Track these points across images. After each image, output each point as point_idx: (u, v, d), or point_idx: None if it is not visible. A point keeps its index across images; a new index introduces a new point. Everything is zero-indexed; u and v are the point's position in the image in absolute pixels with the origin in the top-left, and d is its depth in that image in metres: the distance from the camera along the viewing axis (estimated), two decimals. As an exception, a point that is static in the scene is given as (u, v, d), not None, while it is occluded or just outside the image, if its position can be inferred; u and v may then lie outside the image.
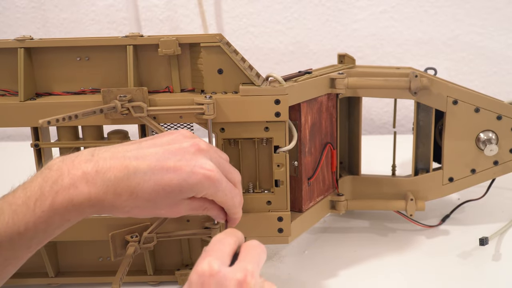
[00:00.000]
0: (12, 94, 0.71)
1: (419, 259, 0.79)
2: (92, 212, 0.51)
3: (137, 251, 0.69)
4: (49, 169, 0.51)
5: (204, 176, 0.53)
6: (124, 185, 0.51)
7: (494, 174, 0.84)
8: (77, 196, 0.50)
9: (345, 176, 0.86)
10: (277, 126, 0.70)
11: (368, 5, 1.37)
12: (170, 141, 0.55)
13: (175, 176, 0.52)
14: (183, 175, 0.52)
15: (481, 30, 1.36)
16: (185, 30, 1.41)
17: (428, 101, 0.81)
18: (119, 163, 0.51)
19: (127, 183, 0.51)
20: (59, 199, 0.49)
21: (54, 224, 0.50)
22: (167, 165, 0.52)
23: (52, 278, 0.74)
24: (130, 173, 0.51)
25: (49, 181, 0.50)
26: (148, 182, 0.51)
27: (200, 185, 0.53)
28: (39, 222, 0.49)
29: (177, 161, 0.53)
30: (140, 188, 0.51)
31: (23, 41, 0.68)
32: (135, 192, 0.51)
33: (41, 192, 0.49)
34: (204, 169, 0.53)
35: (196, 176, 0.53)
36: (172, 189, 0.52)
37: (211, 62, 0.69)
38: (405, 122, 1.35)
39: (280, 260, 0.80)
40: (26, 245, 0.51)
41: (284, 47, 1.41)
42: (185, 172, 0.53)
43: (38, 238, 0.51)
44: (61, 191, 0.49)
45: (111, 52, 0.70)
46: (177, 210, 0.55)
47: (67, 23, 1.43)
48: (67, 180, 0.50)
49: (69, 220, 0.51)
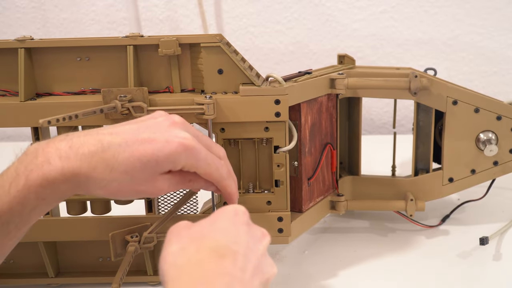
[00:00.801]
0: (12, 94, 0.71)
1: (419, 259, 0.79)
2: (68, 189, 0.50)
3: (137, 251, 0.69)
4: (25, 153, 0.51)
5: (180, 144, 0.52)
6: (99, 158, 0.50)
7: (494, 175, 0.84)
8: (50, 171, 0.49)
9: (345, 176, 0.87)
10: (277, 126, 0.70)
11: (368, 5, 1.37)
12: (145, 118, 0.55)
13: (149, 146, 0.51)
14: (157, 145, 0.52)
15: (481, 30, 1.36)
16: (185, 30, 1.41)
17: (428, 102, 0.81)
18: (93, 138, 0.51)
19: (101, 155, 0.50)
20: (33, 177, 0.49)
21: (30, 204, 0.49)
22: (142, 137, 0.52)
23: (52, 278, 0.74)
24: (104, 146, 0.50)
25: (24, 163, 0.50)
26: (123, 154, 0.51)
27: (176, 155, 0.52)
28: (14, 203, 0.49)
29: (151, 133, 0.52)
30: (115, 160, 0.50)
31: (24, 41, 0.68)
32: (110, 164, 0.50)
33: (16, 174, 0.49)
34: (179, 137, 0.53)
35: (171, 145, 0.52)
36: (148, 159, 0.51)
37: (211, 62, 0.69)
38: (405, 122, 1.35)
39: (280, 260, 0.80)
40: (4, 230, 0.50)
41: (284, 47, 1.41)
42: (160, 142, 0.52)
43: (14, 221, 0.50)
44: (35, 169, 0.49)
45: (111, 52, 0.70)
46: (158, 186, 0.54)
47: (67, 23, 1.43)
48: (41, 158, 0.49)
49: (44, 199, 0.50)
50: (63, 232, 0.72)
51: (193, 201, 0.73)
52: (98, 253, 0.75)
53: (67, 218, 0.73)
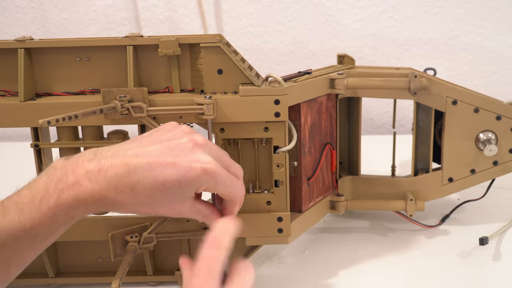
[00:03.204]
0: (12, 95, 0.71)
1: (418, 259, 0.79)
2: (96, 208, 0.52)
3: (137, 251, 0.69)
4: (54, 168, 0.53)
5: (202, 170, 0.54)
6: (125, 182, 0.52)
7: (493, 174, 0.84)
8: (81, 193, 0.51)
9: (344, 176, 0.87)
10: (276, 126, 0.70)
11: (368, 5, 1.37)
12: (169, 138, 0.56)
13: (173, 171, 0.53)
14: (181, 171, 0.53)
15: (481, 30, 1.36)
16: (185, 30, 1.41)
17: (427, 101, 0.81)
18: (120, 161, 0.53)
19: (127, 180, 0.52)
20: (64, 196, 0.51)
21: (59, 221, 0.51)
22: (166, 161, 0.53)
23: (52, 278, 0.74)
24: (131, 170, 0.52)
25: (54, 179, 0.52)
26: (148, 178, 0.52)
27: (198, 179, 0.54)
28: (44, 219, 0.51)
29: (175, 156, 0.54)
30: (140, 184, 0.52)
31: (23, 42, 0.68)
32: (135, 189, 0.52)
33: (46, 190, 0.51)
34: (202, 163, 0.54)
35: (194, 171, 0.54)
36: (172, 184, 0.53)
37: (211, 63, 0.69)
38: (405, 122, 1.35)
39: (280, 260, 0.80)
40: (30, 242, 0.51)
41: (284, 47, 1.41)
42: (183, 167, 0.53)
43: (41, 235, 0.51)
44: (66, 189, 0.51)
45: (111, 53, 0.70)
46: (178, 209, 0.56)
47: (67, 23, 1.43)
48: (71, 178, 0.51)
49: (73, 217, 0.52)
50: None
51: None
52: (98, 253, 0.75)
53: (67, 218, 0.73)
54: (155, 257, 0.75)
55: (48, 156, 0.72)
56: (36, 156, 0.71)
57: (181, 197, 0.55)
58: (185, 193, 0.55)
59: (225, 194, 0.58)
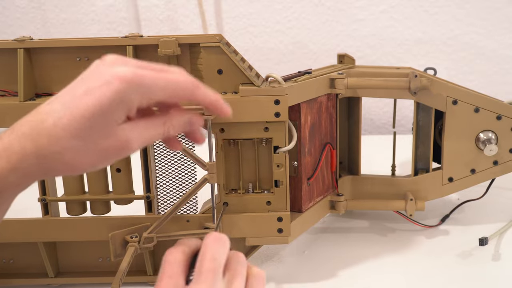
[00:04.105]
0: (11, 95, 0.71)
1: (419, 259, 0.79)
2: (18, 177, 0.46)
3: (137, 251, 0.69)
4: None
5: (118, 80, 0.45)
6: (40, 130, 0.45)
7: (493, 174, 0.84)
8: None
9: (344, 176, 0.87)
10: (276, 127, 0.70)
11: (368, 5, 1.37)
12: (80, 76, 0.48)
13: (89, 98, 0.45)
14: (96, 93, 0.45)
15: (481, 30, 1.36)
16: (185, 30, 1.41)
17: (427, 101, 0.81)
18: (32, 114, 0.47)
19: (42, 127, 0.45)
20: None
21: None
22: (77, 93, 0.46)
23: (52, 278, 0.74)
24: (43, 117, 0.45)
25: None
26: (64, 118, 0.45)
27: (120, 93, 0.45)
28: None
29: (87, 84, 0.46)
30: (57, 126, 0.45)
31: (23, 42, 0.68)
32: (54, 134, 0.45)
33: None
34: (116, 74, 0.46)
35: (110, 86, 0.45)
36: (92, 112, 0.45)
37: (210, 63, 0.69)
38: (405, 122, 1.35)
39: (280, 260, 0.80)
40: None
41: (284, 47, 1.41)
42: (97, 89, 0.45)
43: None
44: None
45: (111, 53, 0.69)
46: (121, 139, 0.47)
47: (67, 23, 1.43)
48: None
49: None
50: (63, 232, 0.72)
51: (193, 201, 0.73)
52: (98, 253, 0.75)
53: (67, 218, 0.73)
54: (155, 257, 0.75)
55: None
56: (36, 156, 0.70)
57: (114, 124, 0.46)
58: (116, 118, 0.46)
59: (171, 95, 0.48)
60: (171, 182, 0.73)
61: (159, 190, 0.73)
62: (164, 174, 0.72)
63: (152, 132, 0.49)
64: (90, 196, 0.73)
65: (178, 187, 0.73)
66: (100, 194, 0.73)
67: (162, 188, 0.73)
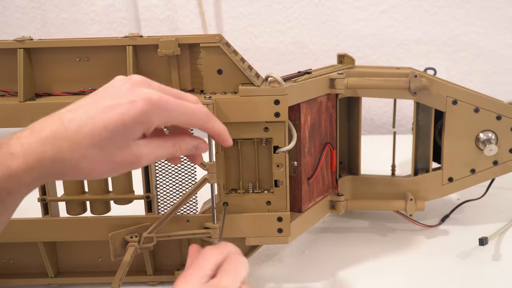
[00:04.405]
0: (11, 95, 0.71)
1: (418, 259, 0.79)
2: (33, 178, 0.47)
3: (137, 251, 0.69)
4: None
5: (144, 101, 0.48)
6: (62, 136, 0.47)
7: (493, 174, 0.84)
8: (12, 162, 0.46)
9: (344, 176, 0.87)
10: (276, 127, 0.70)
11: (368, 5, 1.37)
12: (103, 88, 0.52)
13: (113, 113, 0.48)
14: (121, 109, 0.48)
15: (481, 30, 1.36)
16: (185, 30, 1.41)
17: (427, 101, 0.81)
18: (54, 119, 0.48)
19: (64, 134, 0.47)
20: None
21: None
22: (104, 105, 0.48)
23: (52, 278, 0.75)
24: (65, 123, 0.47)
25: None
26: (87, 126, 0.47)
27: (143, 113, 0.48)
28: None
29: (112, 99, 0.49)
30: (79, 134, 0.47)
31: (23, 42, 0.68)
32: (75, 140, 0.47)
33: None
34: (142, 95, 0.49)
35: (136, 105, 0.48)
36: (115, 126, 0.48)
37: (210, 63, 0.69)
38: (405, 122, 1.35)
39: (280, 260, 0.80)
40: None
41: (284, 47, 1.41)
42: (123, 105, 0.48)
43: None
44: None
45: (111, 53, 0.70)
46: (135, 154, 0.50)
47: (67, 23, 1.43)
48: (4, 150, 0.47)
49: (10, 193, 0.47)
50: (63, 232, 0.72)
51: (193, 201, 0.73)
52: (98, 253, 0.75)
53: (67, 218, 0.73)
54: (155, 257, 0.75)
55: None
56: (36, 156, 0.70)
57: (130, 139, 0.49)
58: (135, 134, 0.49)
59: (186, 122, 0.52)
60: (171, 182, 0.73)
61: (159, 190, 0.73)
62: (164, 174, 0.72)
63: (162, 152, 0.53)
64: (90, 196, 0.73)
65: (178, 187, 0.73)
66: (100, 194, 0.73)
67: (162, 188, 0.73)
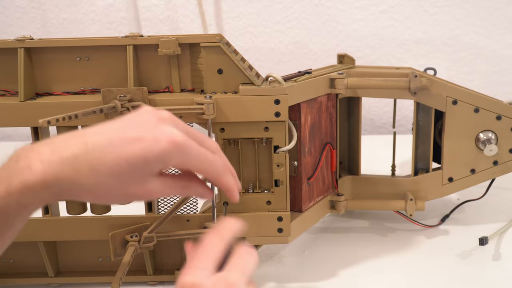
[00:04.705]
0: (12, 94, 0.71)
1: (418, 259, 0.79)
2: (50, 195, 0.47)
3: (137, 251, 0.69)
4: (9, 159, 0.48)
5: (169, 142, 0.49)
6: (83, 161, 0.47)
7: (493, 174, 0.84)
8: (30, 177, 0.46)
9: (344, 176, 0.87)
10: (277, 126, 0.70)
11: (368, 5, 1.37)
12: (131, 117, 0.52)
13: (137, 146, 0.48)
14: (146, 144, 0.48)
15: (481, 30, 1.36)
16: (185, 30, 1.41)
17: (427, 101, 0.81)
18: (77, 141, 0.48)
19: (85, 158, 0.47)
20: (14, 183, 0.46)
21: (11, 212, 0.47)
22: (128, 136, 0.48)
23: (52, 278, 0.75)
24: (89, 148, 0.47)
25: (6, 168, 0.47)
26: (109, 155, 0.47)
27: (166, 153, 0.49)
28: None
29: (138, 131, 0.49)
30: (100, 162, 0.47)
31: (23, 41, 0.68)
32: (95, 167, 0.47)
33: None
34: (168, 135, 0.49)
35: (160, 143, 0.48)
36: (136, 160, 0.48)
37: (211, 62, 0.69)
38: (405, 122, 1.35)
39: (280, 260, 0.80)
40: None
41: (284, 47, 1.41)
42: (148, 140, 0.48)
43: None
44: (16, 174, 0.47)
45: (111, 52, 0.70)
46: (148, 189, 0.50)
47: (67, 23, 1.43)
48: (22, 163, 0.47)
49: (25, 206, 0.47)
50: (63, 232, 0.72)
51: (193, 200, 0.73)
52: (98, 253, 0.75)
53: (67, 218, 0.73)
54: (155, 257, 0.75)
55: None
56: (36, 155, 0.70)
57: (148, 175, 0.49)
58: (153, 171, 0.49)
59: (202, 170, 0.52)
60: (171, 182, 0.72)
61: (159, 190, 0.73)
62: (164, 174, 0.72)
63: (172, 191, 0.53)
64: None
65: (178, 187, 0.72)
66: (100, 194, 0.73)
67: (162, 188, 0.73)
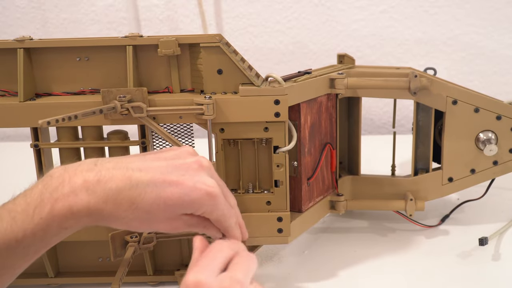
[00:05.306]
0: (11, 95, 0.71)
1: (418, 259, 0.79)
2: (90, 221, 0.51)
3: (136, 251, 0.69)
4: (51, 177, 0.51)
5: (206, 192, 0.53)
6: (125, 195, 0.51)
7: (493, 174, 0.84)
8: (76, 203, 0.50)
9: (344, 176, 0.87)
10: (276, 127, 0.70)
11: (368, 5, 1.37)
12: (173, 156, 0.55)
13: (177, 190, 0.52)
14: (185, 190, 0.52)
15: (481, 30, 1.36)
16: (185, 30, 1.41)
17: (427, 101, 0.81)
18: (122, 174, 0.51)
19: (128, 194, 0.51)
20: (58, 206, 0.49)
21: (51, 232, 0.50)
22: (170, 178, 0.52)
23: (52, 278, 0.74)
24: (132, 184, 0.51)
25: (49, 188, 0.50)
26: (150, 194, 0.51)
27: (200, 201, 0.53)
28: (37, 230, 0.49)
29: (180, 175, 0.53)
30: (141, 199, 0.51)
31: (23, 42, 0.68)
32: (135, 203, 0.51)
33: (41, 199, 0.49)
34: (206, 185, 0.53)
35: (198, 192, 0.53)
36: (173, 202, 0.52)
37: (210, 63, 0.69)
38: (405, 122, 1.35)
39: (280, 260, 0.80)
40: (23, 253, 0.50)
41: (284, 47, 1.41)
42: (187, 186, 0.53)
43: (35, 246, 0.50)
44: (61, 198, 0.49)
45: (111, 52, 0.70)
46: (175, 225, 0.55)
47: (67, 23, 1.43)
48: (67, 187, 0.50)
49: (66, 229, 0.51)
50: (63, 232, 0.72)
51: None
52: (98, 253, 0.75)
53: (66, 218, 0.73)
54: (155, 257, 0.75)
55: (48, 156, 0.72)
56: (36, 156, 0.71)
57: (178, 215, 0.54)
58: (184, 212, 0.54)
59: (219, 221, 0.56)
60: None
61: (159, 190, 0.73)
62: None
63: (193, 230, 0.57)
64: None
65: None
66: (100, 194, 0.73)
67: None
